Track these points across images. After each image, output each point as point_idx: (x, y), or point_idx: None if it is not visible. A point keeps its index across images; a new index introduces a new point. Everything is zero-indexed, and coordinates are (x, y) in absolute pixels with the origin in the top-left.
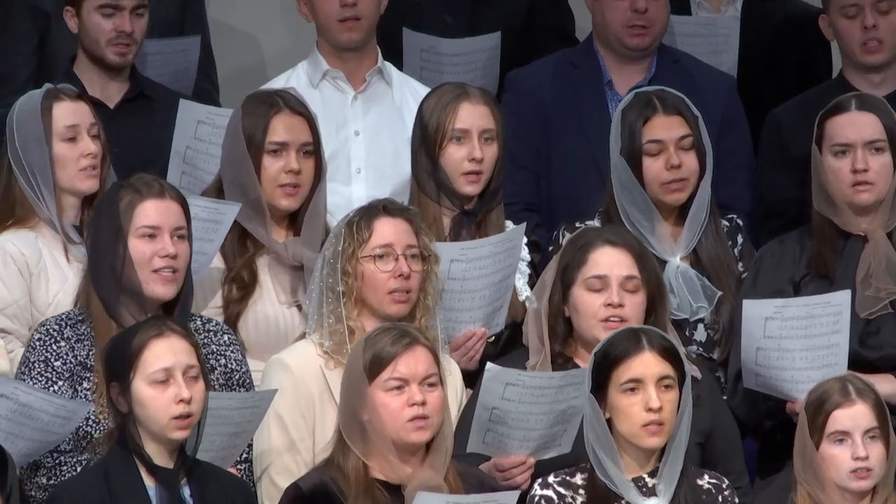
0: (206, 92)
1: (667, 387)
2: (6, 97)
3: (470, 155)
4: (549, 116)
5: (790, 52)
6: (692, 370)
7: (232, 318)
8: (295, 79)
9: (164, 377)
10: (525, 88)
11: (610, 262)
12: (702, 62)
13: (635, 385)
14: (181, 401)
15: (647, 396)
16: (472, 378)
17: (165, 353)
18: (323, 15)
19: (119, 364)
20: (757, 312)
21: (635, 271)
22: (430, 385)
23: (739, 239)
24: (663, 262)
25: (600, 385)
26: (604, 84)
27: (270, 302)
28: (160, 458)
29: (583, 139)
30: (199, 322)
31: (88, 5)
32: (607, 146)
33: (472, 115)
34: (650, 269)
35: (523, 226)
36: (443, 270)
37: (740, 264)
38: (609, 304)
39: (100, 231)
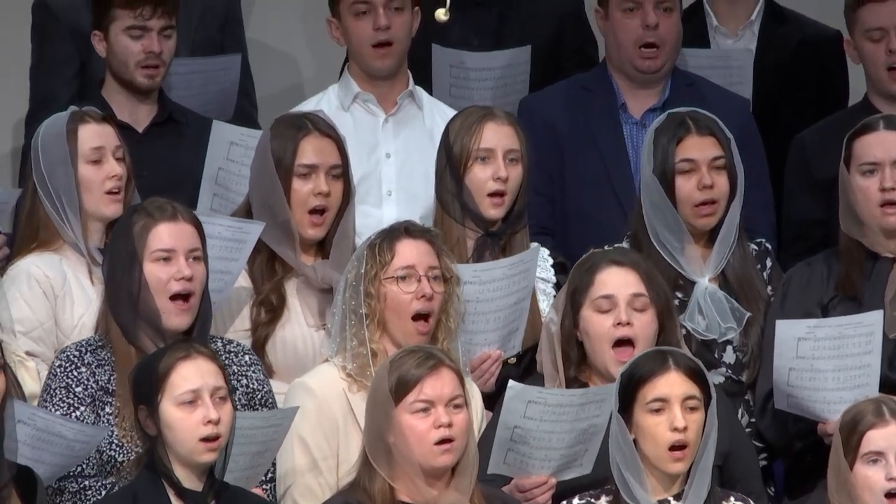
0: (246, 111)
1: (692, 408)
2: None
3: (495, 174)
4: (562, 140)
5: (808, 75)
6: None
7: (260, 341)
8: (326, 102)
9: (191, 398)
10: (538, 113)
11: (616, 281)
12: (716, 85)
13: (661, 405)
14: (209, 422)
15: (673, 416)
16: (488, 400)
17: (193, 374)
18: (356, 40)
19: (146, 387)
20: (789, 333)
21: (642, 289)
22: (456, 407)
23: (768, 262)
24: (692, 283)
25: (626, 405)
26: (617, 107)
27: (299, 325)
28: (189, 481)
29: (597, 162)
30: (219, 343)
31: (116, 28)
32: (622, 169)
33: (497, 135)
34: (658, 287)
35: (537, 248)
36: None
37: (769, 287)
38: (618, 324)
39: (115, 257)
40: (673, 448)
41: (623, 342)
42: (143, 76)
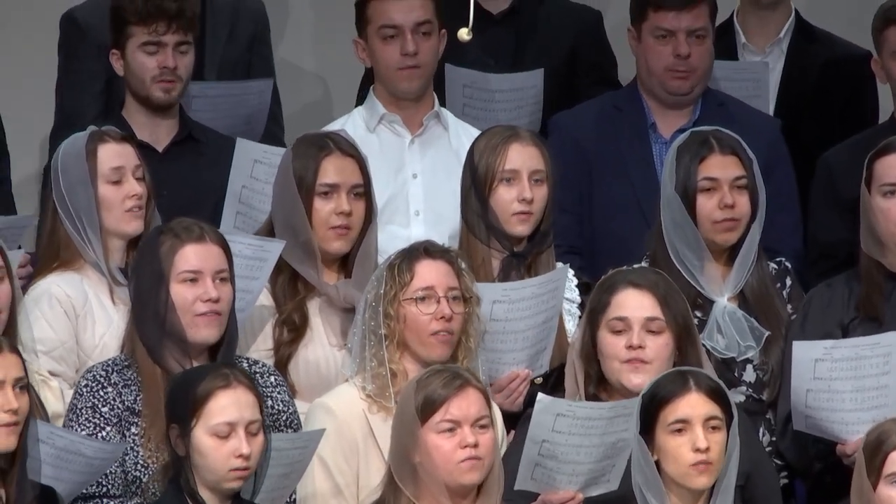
0: (273, 134)
1: (714, 428)
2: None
3: (520, 196)
4: (592, 160)
5: (835, 94)
6: None
7: (282, 361)
8: (351, 124)
9: (226, 431)
10: (569, 132)
11: (632, 303)
12: (747, 105)
13: (682, 426)
14: (240, 455)
15: (695, 437)
16: (513, 420)
17: (230, 406)
18: (383, 63)
19: (182, 408)
20: (806, 354)
21: (658, 312)
22: (482, 427)
23: (788, 281)
24: (711, 302)
25: (648, 427)
26: (647, 127)
27: (321, 345)
28: (214, 502)
29: (626, 182)
30: (245, 364)
31: (132, 44)
32: (650, 189)
33: (522, 156)
34: (676, 310)
35: (566, 267)
36: (485, 311)
37: (789, 306)
38: (630, 346)
39: (141, 277)
40: (696, 463)
41: (636, 363)
42: (159, 90)
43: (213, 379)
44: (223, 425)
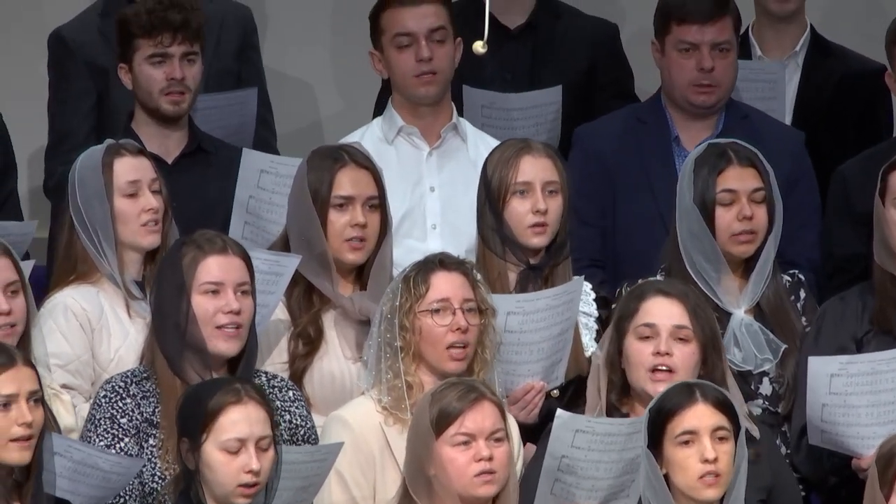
0: (265, 139)
1: (721, 439)
2: (67, 154)
3: (534, 207)
4: (615, 172)
5: (851, 109)
6: (752, 429)
7: (298, 374)
8: (370, 135)
9: (237, 447)
10: (592, 144)
11: (661, 311)
12: (770, 118)
13: (690, 437)
14: (250, 471)
15: (703, 448)
16: (528, 433)
17: (241, 422)
18: (399, 71)
19: (193, 422)
20: (822, 369)
21: (686, 321)
22: (497, 440)
23: (802, 294)
24: (728, 314)
25: (656, 440)
26: (671, 140)
27: (336, 357)
28: None
29: (649, 195)
30: (263, 378)
31: (139, 57)
32: (674, 202)
33: (535, 168)
34: (704, 321)
35: (581, 279)
36: (500, 323)
37: (803, 319)
38: (657, 353)
39: (163, 288)
40: (704, 475)
41: (661, 370)
42: (167, 103)
43: (224, 394)
44: (233, 441)
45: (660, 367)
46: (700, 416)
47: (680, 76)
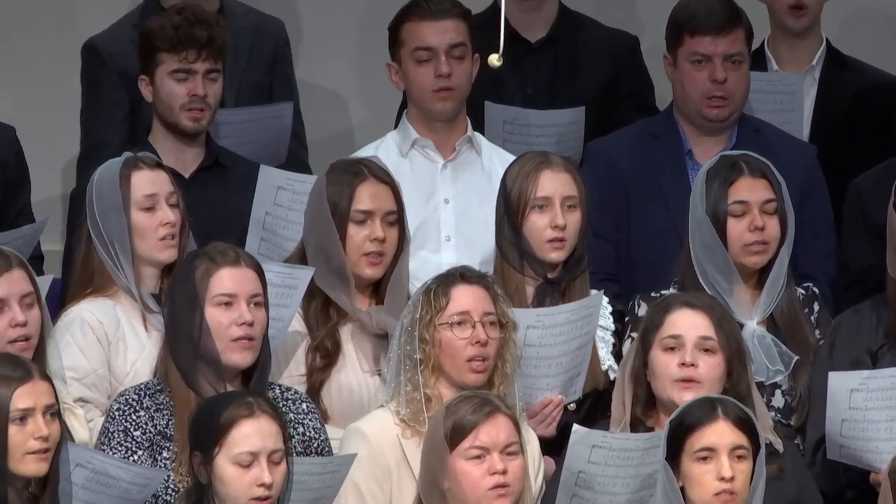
0: (297, 154)
1: (740, 457)
2: (99, 164)
3: (553, 222)
4: (629, 186)
5: (868, 121)
6: (776, 443)
7: (315, 387)
8: (384, 148)
9: (249, 461)
10: (605, 158)
11: (686, 323)
12: (783, 132)
13: (708, 454)
14: (262, 485)
15: (720, 465)
16: (547, 446)
17: (254, 435)
18: (416, 85)
19: (205, 435)
20: (842, 384)
21: (712, 333)
22: (511, 454)
23: (816, 307)
24: (740, 326)
25: (674, 453)
26: (684, 154)
27: (353, 370)
28: None
29: (663, 209)
30: (277, 391)
31: (161, 71)
32: (688, 215)
33: (554, 183)
34: (729, 333)
35: (601, 293)
36: (519, 336)
37: (817, 332)
38: (683, 364)
39: (176, 300)
40: (720, 493)
41: (687, 382)
42: (188, 119)
43: (236, 407)
44: (246, 454)
45: (685, 378)
46: (720, 433)
47: (692, 88)
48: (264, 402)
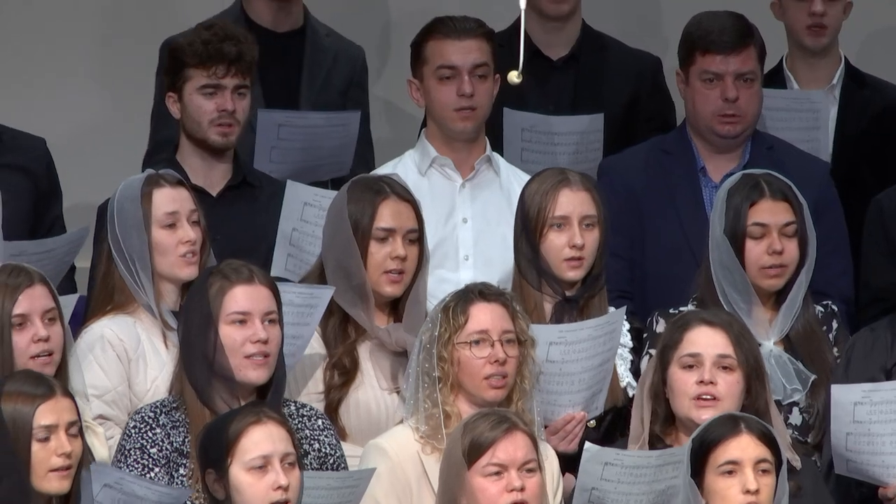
0: (363, 156)
1: (764, 471)
2: (161, 163)
3: (571, 241)
4: (642, 203)
5: (889, 139)
6: (793, 460)
7: (333, 405)
8: (402, 167)
9: (262, 464)
10: (618, 176)
11: (705, 340)
12: (796, 148)
13: (733, 468)
14: (279, 487)
15: (745, 479)
16: (569, 462)
17: (264, 440)
18: (438, 103)
19: (216, 450)
20: (845, 398)
21: (730, 350)
22: (529, 471)
23: (834, 324)
24: (758, 345)
25: (698, 469)
26: (697, 171)
27: (371, 388)
28: None
29: (676, 226)
30: (293, 407)
31: (190, 87)
32: (701, 233)
33: (573, 202)
34: (748, 350)
35: (623, 310)
36: (541, 353)
37: (835, 349)
38: (701, 381)
39: (191, 318)
40: None
41: (706, 399)
42: (216, 134)
43: (243, 417)
44: (258, 458)
45: (704, 396)
46: (744, 446)
47: (704, 106)
48: (270, 410)
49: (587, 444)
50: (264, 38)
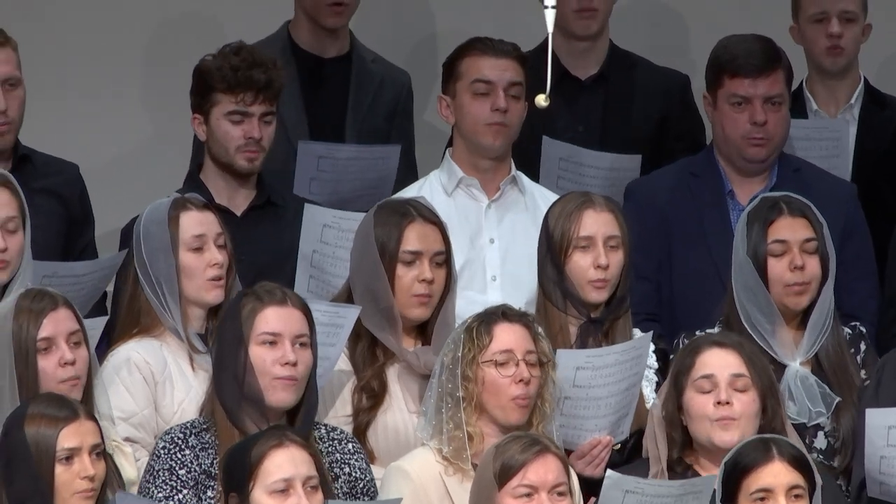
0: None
1: (797, 496)
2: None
3: (595, 262)
4: (670, 226)
5: None
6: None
7: (361, 427)
8: (428, 187)
9: (283, 487)
10: (646, 198)
11: (718, 362)
12: (822, 171)
13: (765, 495)
14: None
15: None
16: (595, 487)
17: (286, 463)
18: (471, 117)
19: (238, 473)
20: (879, 421)
21: (743, 370)
22: (560, 494)
23: (862, 346)
24: (783, 367)
25: (730, 495)
26: (725, 193)
27: (399, 410)
28: None
29: (704, 249)
30: (323, 430)
31: (217, 112)
32: (729, 256)
33: (597, 223)
34: (760, 369)
35: (650, 334)
36: (568, 378)
37: (863, 372)
38: (718, 403)
39: (223, 338)
40: None
41: (724, 420)
42: (243, 160)
43: (266, 441)
44: (280, 482)
45: (722, 418)
46: (776, 473)
47: (733, 130)
48: (292, 433)
49: (608, 472)
50: (310, 64)
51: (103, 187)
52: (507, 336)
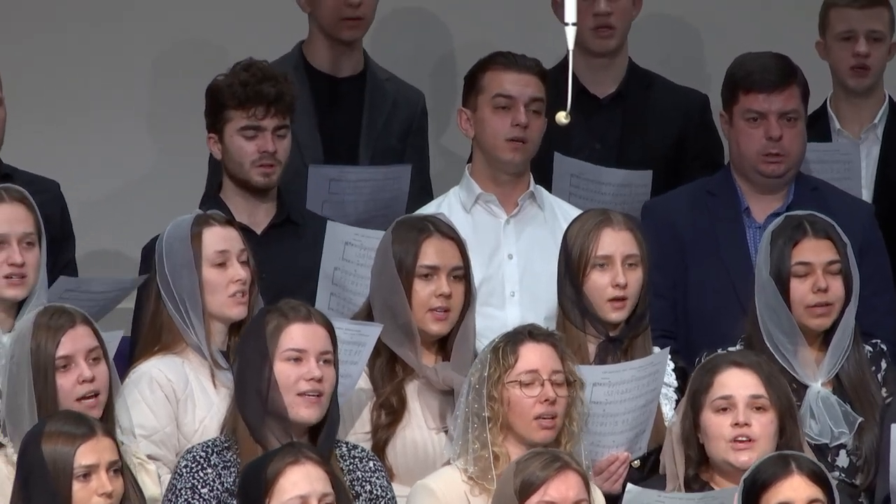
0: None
1: None
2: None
3: (613, 281)
4: (686, 244)
5: None
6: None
7: (380, 444)
8: (447, 204)
9: None
10: (662, 216)
11: (736, 382)
12: (840, 190)
13: None
14: None
15: None
16: (613, 502)
17: (301, 480)
18: (491, 131)
19: (255, 490)
20: None
21: (762, 391)
22: None
23: (883, 364)
24: (805, 387)
25: None
26: (741, 211)
27: (419, 427)
28: None
29: (720, 267)
30: (344, 448)
31: (230, 128)
32: (745, 273)
33: (615, 242)
34: (779, 389)
35: (667, 350)
36: (586, 394)
37: (884, 390)
38: (736, 424)
39: (246, 355)
40: None
41: (742, 441)
42: (259, 174)
43: (281, 457)
44: (295, 499)
45: (740, 438)
46: (796, 487)
47: (748, 146)
48: (309, 450)
49: (629, 486)
50: (324, 83)
51: (111, 209)
52: (532, 356)
